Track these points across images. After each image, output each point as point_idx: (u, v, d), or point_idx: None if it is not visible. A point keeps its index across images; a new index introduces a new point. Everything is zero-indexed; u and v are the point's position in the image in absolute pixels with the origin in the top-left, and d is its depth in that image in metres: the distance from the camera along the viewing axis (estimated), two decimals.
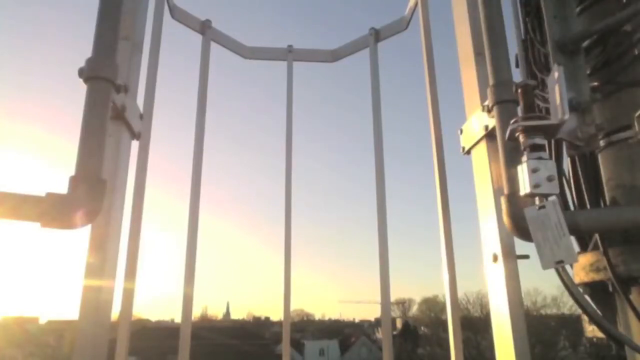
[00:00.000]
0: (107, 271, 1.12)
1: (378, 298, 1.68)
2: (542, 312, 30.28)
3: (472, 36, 1.31)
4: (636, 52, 1.14)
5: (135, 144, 1.37)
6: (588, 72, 1.18)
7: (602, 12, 1.22)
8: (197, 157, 1.71)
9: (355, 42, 2.02)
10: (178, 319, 1.64)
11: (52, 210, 0.87)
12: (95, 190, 0.92)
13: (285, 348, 1.73)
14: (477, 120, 1.23)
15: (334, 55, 2.07)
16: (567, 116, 0.91)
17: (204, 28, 1.87)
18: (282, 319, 1.71)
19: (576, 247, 1.25)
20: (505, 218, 0.99)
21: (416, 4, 1.79)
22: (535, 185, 0.89)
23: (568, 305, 28.48)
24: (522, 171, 0.92)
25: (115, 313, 1.19)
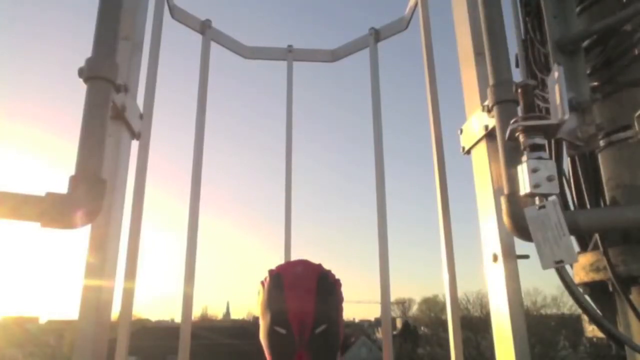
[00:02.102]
0: (107, 271, 1.12)
1: (378, 298, 1.68)
2: (542, 312, 30.29)
3: (472, 36, 1.30)
4: (636, 52, 1.14)
5: (135, 144, 1.37)
6: (588, 72, 1.18)
7: (602, 12, 1.22)
8: (197, 157, 1.71)
9: (355, 42, 2.02)
10: (178, 319, 1.64)
11: (52, 210, 0.87)
12: (95, 190, 0.92)
13: None
14: (477, 120, 1.23)
15: (334, 55, 2.07)
16: (567, 116, 0.91)
17: (204, 28, 1.87)
18: None
19: (576, 247, 1.25)
20: (505, 218, 0.99)
21: (416, 4, 1.79)
22: (535, 185, 0.89)
23: (568, 305, 28.50)
24: (522, 171, 0.92)
25: (115, 313, 1.19)
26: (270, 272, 0.98)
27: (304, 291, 0.93)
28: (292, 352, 0.89)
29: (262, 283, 0.98)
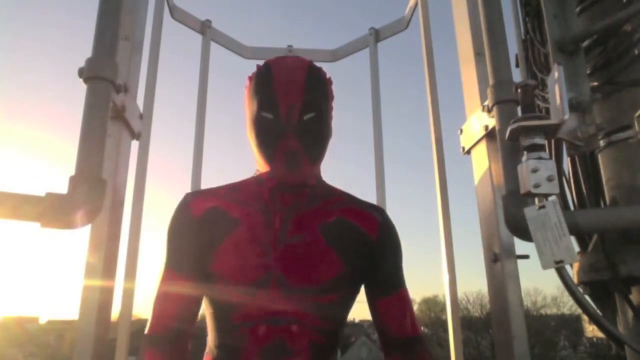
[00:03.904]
0: (107, 271, 1.12)
1: None
2: (542, 312, 30.26)
3: (472, 36, 1.30)
4: (636, 52, 1.14)
5: (135, 144, 1.37)
6: (588, 72, 1.17)
7: (602, 12, 1.22)
8: (197, 157, 1.71)
9: (355, 42, 2.03)
10: None
11: (52, 210, 0.87)
12: (95, 190, 0.92)
13: None
14: (477, 120, 1.23)
15: (334, 55, 2.07)
16: (567, 116, 0.91)
17: (204, 28, 1.87)
18: None
19: (576, 247, 1.25)
20: (505, 218, 0.99)
21: (416, 4, 1.79)
22: (535, 185, 0.89)
23: (568, 305, 28.49)
24: (522, 171, 0.92)
25: (115, 313, 1.19)
26: (258, 65, 0.93)
27: (294, 77, 0.88)
28: (279, 137, 0.86)
29: (250, 77, 0.94)
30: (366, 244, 0.93)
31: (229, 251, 0.87)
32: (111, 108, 1.03)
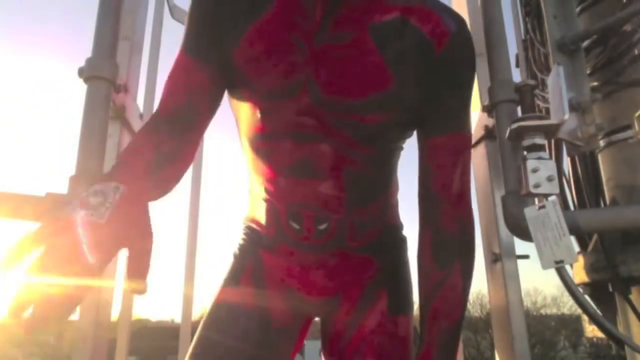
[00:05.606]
0: (107, 271, 1.12)
1: None
2: (542, 312, 30.26)
3: (472, 36, 1.30)
4: (636, 52, 1.14)
5: None
6: (588, 72, 1.17)
7: (602, 12, 1.22)
8: (198, 156, 1.71)
9: None
10: (178, 319, 1.64)
11: (52, 210, 0.87)
12: None
13: None
14: (477, 120, 1.24)
15: None
16: (567, 116, 0.91)
17: None
18: None
19: (576, 247, 1.25)
20: (505, 218, 0.99)
21: None
22: (535, 185, 0.89)
23: (568, 305, 28.50)
24: (522, 171, 0.92)
25: (115, 313, 1.19)
26: None
27: None
28: None
29: None
30: (427, 57, 0.72)
31: (253, 41, 0.69)
32: (111, 108, 1.03)
